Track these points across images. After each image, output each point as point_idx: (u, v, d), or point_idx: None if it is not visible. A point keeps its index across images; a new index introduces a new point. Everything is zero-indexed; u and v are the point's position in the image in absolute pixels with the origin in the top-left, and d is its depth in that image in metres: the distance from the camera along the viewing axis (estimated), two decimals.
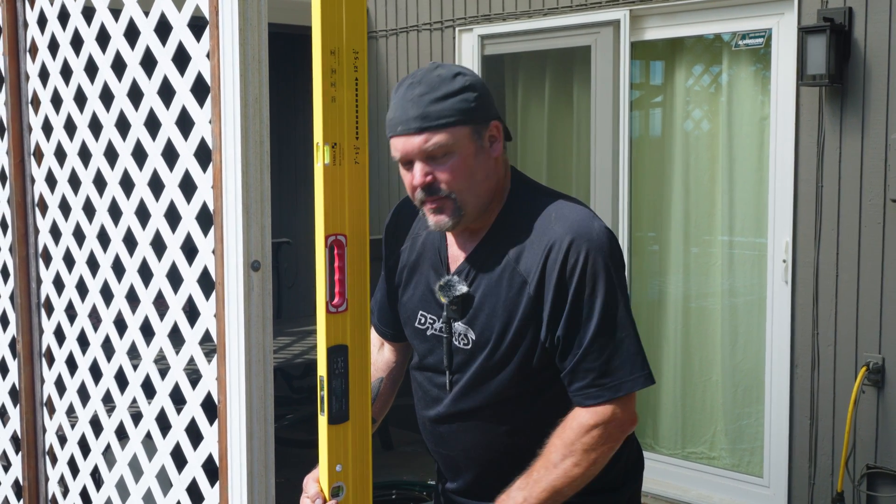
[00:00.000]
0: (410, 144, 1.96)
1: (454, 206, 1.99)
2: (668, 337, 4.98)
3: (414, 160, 1.98)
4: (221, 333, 1.95)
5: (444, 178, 1.97)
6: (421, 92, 1.95)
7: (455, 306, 2.05)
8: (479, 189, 2.01)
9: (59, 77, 2.44)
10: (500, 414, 2.06)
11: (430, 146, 1.95)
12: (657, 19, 4.75)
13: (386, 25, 5.96)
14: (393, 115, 1.98)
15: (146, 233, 2.20)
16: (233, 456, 1.95)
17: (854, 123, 4.04)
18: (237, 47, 1.86)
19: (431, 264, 2.13)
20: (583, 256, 1.95)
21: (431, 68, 2.00)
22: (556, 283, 1.96)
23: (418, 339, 2.16)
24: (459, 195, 1.98)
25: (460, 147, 1.96)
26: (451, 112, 1.95)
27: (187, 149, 2.05)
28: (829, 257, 4.17)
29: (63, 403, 2.55)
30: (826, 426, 4.23)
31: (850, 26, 4.01)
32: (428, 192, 1.99)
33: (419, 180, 1.98)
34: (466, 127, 1.96)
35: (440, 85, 1.95)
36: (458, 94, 1.95)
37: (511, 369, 2.02)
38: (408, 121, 1.95)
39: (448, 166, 1.96)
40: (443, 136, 1.94)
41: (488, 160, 2.01)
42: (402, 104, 1.97)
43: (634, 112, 4.99)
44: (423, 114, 1.94)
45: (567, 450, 1.96)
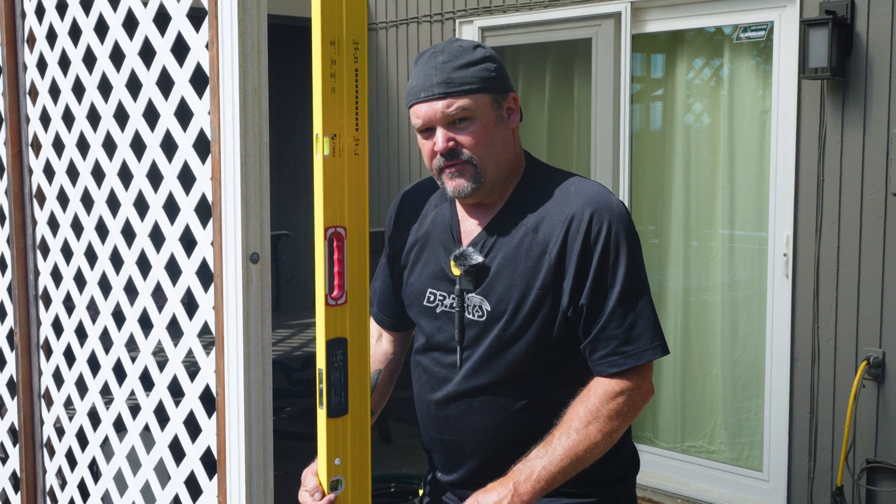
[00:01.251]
0: (433, 110, 1.99)
1: (474, 171, 2.03)
2: (668, 330, 4.97)
3: (436, 126, 2.01)
4: (220, 326, 1.94)
5: (467, 142, 2.01)
6: (444, 60, 2.00)
7: (469, 277, 2.05)
8: (498, 158, 2.04)
9: (58, 67, 2.42)
10: (513, 390, 2.06)
11: (454, 110, 1.98)
12: (658, 12, 4.73)
13: (386, 17, 5.95)
14: (415, 83, 2.02)
15: (144, 224, 2.19)
16: (231, 449, 1.94)
17: (856, 117, 4.03)
18: (236, 38, 1.84)
19: (441, 241, 2.14)
20: (605, 226, 1.99)
21: (451, 40, 2.06)
22: (579, 253, 1.98)
23: (426, 318, 2.15)
24: (480, 161, 2.02)
25: (482, 114, 2.00)
26: (474, 79, 2.00)
27: (186, 140, 2.03)
28: (830, 251, 4.16)
29: (61, 395, 2.54)
30: (826, 420, 4.23)
31: (853, 19, 3.99)
32: (449, 156, 2.01)
33: (441, 145, 2.00)
34: (488, 95, 2.01)
35: (462, 54, 2.01)
36: (479, 63, 2.01)
37: (527, 340, 2.03)
38: (431, 87, 1.99)
39: (470, 132, 2.00)
40: (466, 101, 1.98)
41: (507, 130, 2.07)
42: (425, 71, 2.01)
43: (635, 105, 4.98)
44: (447, 79, 1.98)
45: (591, 416, 1.97)
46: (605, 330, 1.99)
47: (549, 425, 2.04)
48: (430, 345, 2.16)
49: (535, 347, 2.03)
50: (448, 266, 2.09)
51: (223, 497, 1.95)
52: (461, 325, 2.06)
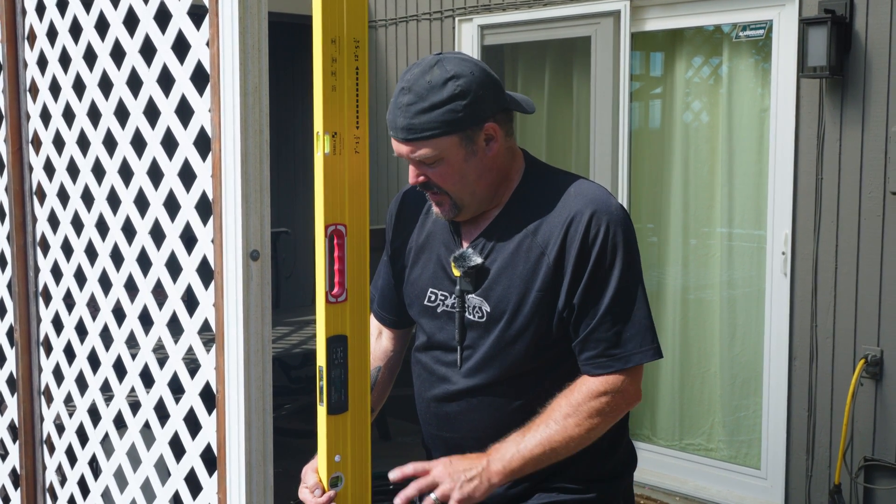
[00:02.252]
0: (401, 149, 2.01)
1: (451, 202, 2.05)
2: (667, 328, 4.98)
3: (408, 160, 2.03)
4: (220, 323, 1.94)
5: (437, 179, 2.02)
6: (409, 101, 1.96)
7: (469, 278, 2.06)
8: (473, 188, 2.04)
9: (58, 65, 2.42)
10: (511, 388, 2.07)
11: (417, 156, 1.99)
12: (658, 10, 4.73)
13: (386, 15, 5.95)
14: (388, 117, 2.03)
15: (145, 222, 2.19)
16: (231, 445, 1.95)
17: (854, 116, 4.04)
18: (237, 36, 1.85)
19: (443, 241, 2.15)
20: (604, 228, 1.99)
21: (427, 68, 1.98)
22: (577, 253, 1.99)
23: (427, 318, 2.16)
24: (454, 194, 2.04)
25: (448, 154, 1.99)
26: (436, 125, 1.95)
27: (187, 137, 2.04)
28: (829, 249, 4.16)
29: (61, 392, 2.55)
30: (824, 418, 4.24)
31: (851, 18, 4.00)
32: (423, 187, 2.05)
33: (412, 180, 2.05)
34: (453, 136, 1.97)
35: (428, 94, 1.95)
36: (445, 105, 1.95)
37: (526, 341, 2.04)
38: (396, 129, 1.99)
39: (437, 171, 2.01)
40: (427, 149, 1.98)
41: (482, 160, 2.03)
42: (394, 109, 2.00)
43: (634, 103, 4.99)
44: (409, 125, 1.96)
45: (571, 409, 1.98)
46: (596, 332, 2.00)
47: None
48: (430, 343, 2.16)
49: (534, 348, 2.04)
50: (449, 266, 2.10)
51: (223, 494, 1.96)
52: (462, 325, 2.07)
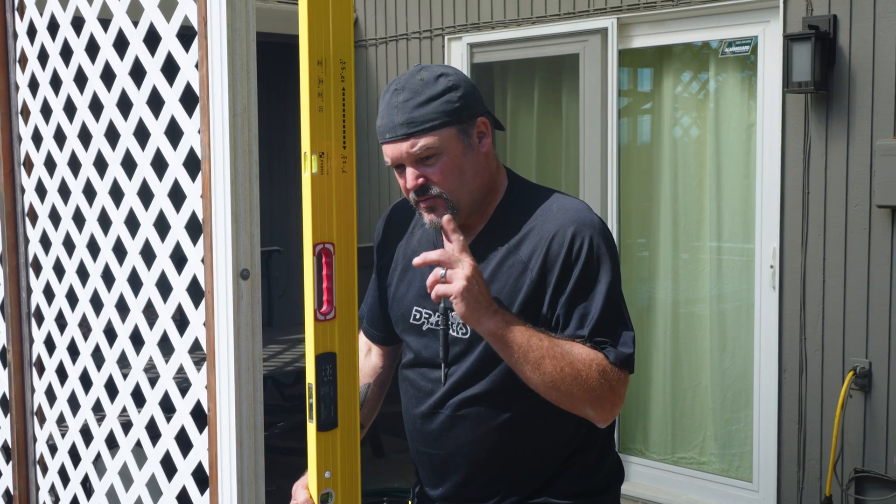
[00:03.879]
0: (399, 150, 2.01)
1: (447, 205, 2.05)
2: (658, 342, 5.00)
3: (405, 164, 2.02)
4: (211, 342, 1.96)
5: (435, 178, 2.02)
6: (405, 98, 2.00)
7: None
8: (470, 186, 2.06)
9: (49, 87, 2.45)
10: (497, 404, 2.07)
11: (418, 150, 2.00)
12: (645, 27, 4.78)
13: (375, 34, 5.98)
14: (381, 123, 2.03)
15: (136, 242, 2.21)
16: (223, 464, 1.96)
17: (839, 130, 4.07)
18: (225, 57, 1.87)
19: None
20: (587, 241, 2.01)
21: (414, 72, 2.04)
22: (560, 267, 2.01)
23: (413, 335, 2.17)
24: (451, 194, 2.04)
25: (448, 147, 2.01)
26: (436, 115, 1.99)
27: (176, 158, 2.06)
28: (816, 263, 4.19)
29: (53, 412, 2.56)
30: (814, 430, 4.26)
31: (835, 34, 4.04)
32: (420, 192, 2.04)
33: (411, 183, 2.04)
34: (452, 127, 2.01)
35: (423, 89, 2.00)
36: (441, 96, 2.00)
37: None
38: (394, 127, 2.00)
39: (437, 168, 2.02)
40: (429, 139, 1.99)
41: (477, 156, 2.06)
42: (388, 111, 2.02)
43: (623, 119, 5.02)
44: (408, 119, 1.99)
45: (582, 354, 1.96)
46: (596, 337, 2.01)
47: (532, 439, 2.07)
48: (417, 360, 2.18)
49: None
50: None
51: None
52: (445, 342, 2.07)
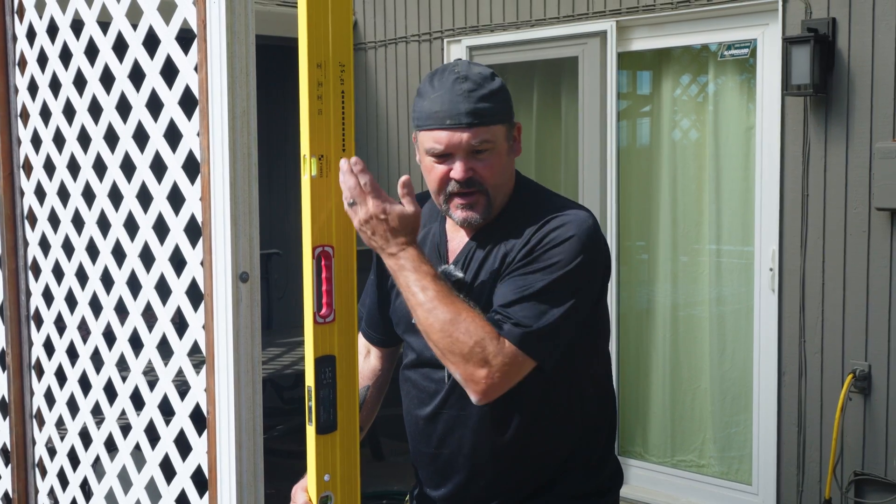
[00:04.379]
0: (457, 138, 1.99)
1: (486, 202, 2.05)
2: (657, 345, 5.00)
3: (455, 154, 2.01)
4: (210, 345, 1.95)
5: (484, 173, 2.03)
6: (470, 87, 1.99)
7: None
8: (506, 187, 2.09)
9: (48, 90, 2.44)
10: (498, 405, 2.03)
11: (478, 142, 2.00)
12: (644, 30, 4.78)
13: (375, 37, 5.99)
14: (438, 108, 2.00)
15: (135, 245, 2.21)
16: (222, 467, 1.96)
17: (839, 133, 4.08)
18: (224, 60, 1.87)
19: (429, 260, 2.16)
20: (563, 229, 2.00)
21: (467, 64, 2.05)
22: (532, 242, 2.00)
23: (415, 336, 2.16)
24: (493, 191, 2.05)
25: (499, 144, 2.04)
26: (497, 110, 2.02)
27: (175, 161, 2.06)
28: (815, 265, 4.20)
29: (52, 415, 2.55)
30: (814, 433, 4.26)
31: (834, 37, 4.04)
32: (466, 185, 2.02)
33: (461, 174, 2.01)
34: (504, 126, 2.05)
35: (485, 82, 2.02)
36: (499, 93, 2.03)
37: None
38: (458, 115, 1.99)
39: (488, 163, 2.02)
40: (490, 134, 2.01)
41: (512, 158, 2.10)
42: (450, 97, 1.99)
43: (622, 122, 5.02)
44: (475, 110, 1.98)
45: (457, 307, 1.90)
46: (512, 306, 1.95)
47: (534, 441, 2.06)
48: (419, 361, 2.18)
49: None
50: None
51: None
52: None
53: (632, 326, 5.05)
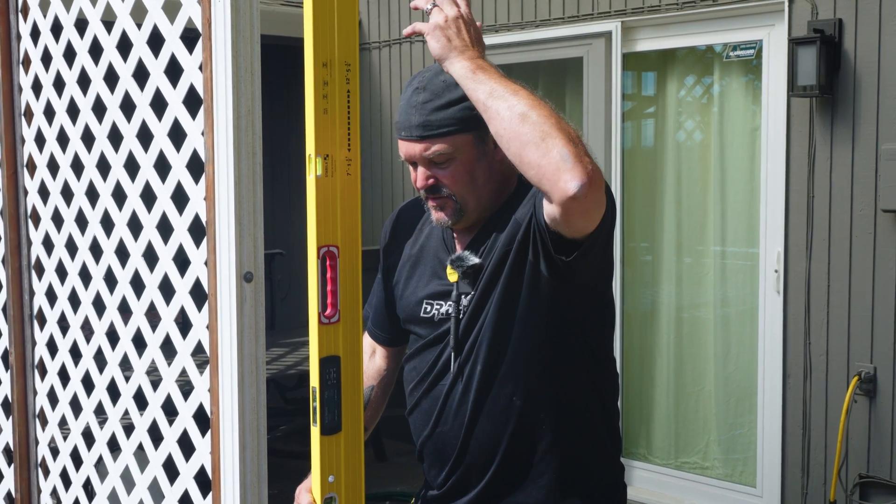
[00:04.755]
0: (413, 149, 2.02)
1: (455, 206, 2.05)
2: (661, 347, 4.99)
3: (417, 163, 2.03)
4: (214, 345, 1.95)
5: (445, 181, 2.03)
6: (424, 99, 1.99)
7: (467, 279, 2.07)
8: (480, 191, 2.06)
9: (52, 89, 2.44)
10: (505, 383, 2.04)
11: (431, 154, 2.00)
12: (649, 31, 4.77)
13: (379, 37, 5.98)
14: (399, 119, 2.04)
15: (138, 244, 2.20)
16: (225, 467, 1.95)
17: (844, 134, 4.06)
18: (230, 60, 1.86)
19: (436, 254, 2.16)
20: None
21: (438, 70, 2.02)
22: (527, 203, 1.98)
23: (425, 327, 2.17)
24: (460, 196, 2.04)
25: (461, 153, 2.01)
26: (453, 121, 1.98)
27: (179, 160, 2.05)
28: (821, 267, 4.18)
29: (55, 415, 2.55)
30: (818, 436, 4.24)
31: (840, 38, 4.03)
32: (430, 192, 2.05)
33: (421, 183, 2.05)
34: (468, 134, 2.01)
35: (444, 91, 1.99)
36: (461, 102, 1.98)
37: (517, 328, 2.01)
38: (410, 127, 2.00)
39: (449, 171, 2.02)
40: (443, 145, 1.99)
41: (492, 163, 2.06)
42: (407, 109, 2.02)
43: (626, 123, 5.01)
44: (425, 122, 1.98)
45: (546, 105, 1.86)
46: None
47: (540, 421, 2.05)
48: (424, 344, 2.17)
49: (522, 325, 2.02)
50: (444, 275, 2.11)
51: None
52: (456, 330, 2.07)
53: (636, 328, 5.04)
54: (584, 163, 1.74)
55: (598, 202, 1.80)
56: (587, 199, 1.74)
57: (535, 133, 1.76)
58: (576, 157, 1.74)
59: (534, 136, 1.76)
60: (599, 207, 1.83)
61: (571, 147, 1.75)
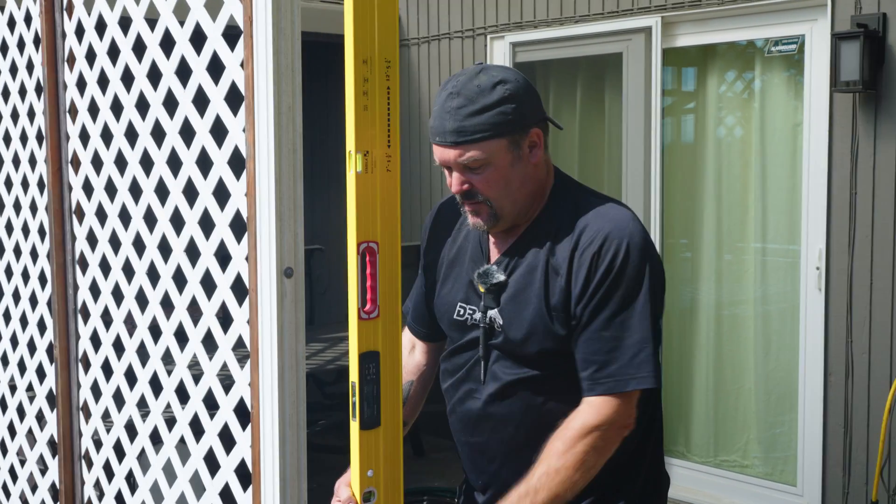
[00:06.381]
0: (447, 154, 2.02)
1: (490, 211, 2.05)
2: (701, 344, 4.95)
3: (452, 168, 2.03)
4: (255, 340, 1.97)
5: (480, 187, 2.03)
6: (458, 104, 1.98)
7: (492, 294, 2.08)
8: (515, 196, 2.05)
9: (97, 86, 2.47)
10: (532, 391, 2.09)
11: (465, 160, 2.00)
12: (689, 26, 4.74)
13: (418, 33, 5.99)
14: (433, 124, 2.03)
15: (180, 240, 2.23)
16: (265, 461, 1.97)
17: (889, 130, 4.01)
18: (271, 57, 1.88)
19: (472, 257, 2.17)
20: (613, 249, 1.98)
21: (473, 75, 2.01)
22: (585, 272, 1.99)
23: (458, 331, 2.19)
24: (496, 202, 2.04)
25: (496, 158, 2.00)
26: (487, 126, 1.97)
27: (221, 157, 2.07)
28: (864, 265, 4.13)
29: (99, 408, 2.58)
30: (860, 435, 4.20)
31: (884, 32, 3.98)
32: (465, 197, 2.05)
33: (456, 188, 2.05)
34: (503, 139, 2.00)
35: (478, 97, 1.98)
36: (495, 108, 1.98)
37: (540, 353, 2.06)
38: (444, 133, 2.00)
39: (483, 177, 2.01)
40: (477, 151, 1.99)
41: (526, 167, 2.05)
42: (441, 114, 2.01)
43: (666, 119, 4.98)
44: (459, 128, 1.97)
45: (568, 453, 1.97)
46: (588, 352, 1.99)
47: None
48: (455, 349, 2.21)
49: (551, 357, 2.06)
50: (475, 279, 2.12)
51: None
52: (486, 340, 2.09)
53: (675, 325, 5.01)
54: (606, 452, 1.99)
55: (632, 415, 2.03)
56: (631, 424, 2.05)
57: (585, 482, 1.99)
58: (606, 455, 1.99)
59: (586, 481, 1.99)
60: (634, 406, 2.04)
61: (598, 464, 1.99)
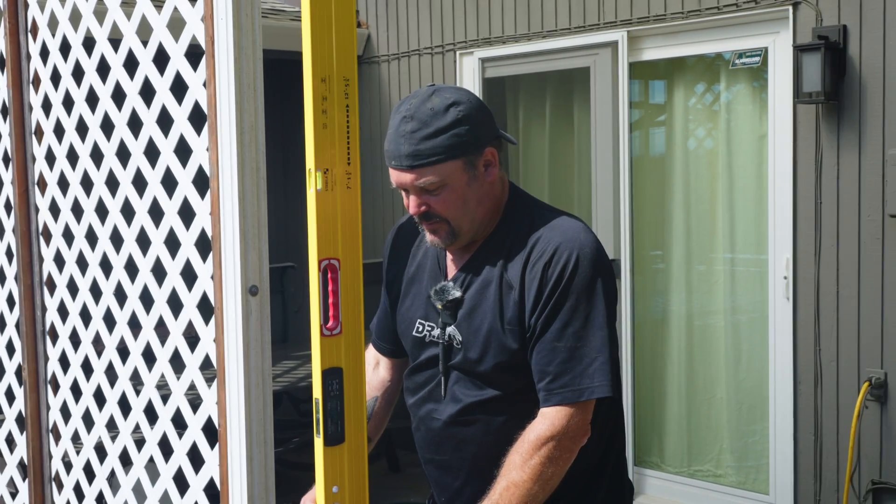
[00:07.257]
0: (404, 178, 2.04)
1: (448, 230, 2.07)
2: (673, 355, 4.99)
3: (408, 190, 2.05)
4: (221, 358, 1.97)
5: (438, 208, 2.05)
6: (412, 128, 2.00)
7: (448, 311, 2.10)
8: (472, 214, 2.08)
9: (62, 107, 2.47)
10: (494, 409, 2.11)
11: (422, 182, 2.02)
12: (654, 40, 4.79)
13: (388, 50, 6.02)
14: (388, 147, 2.05)
15: (147, 260, 2.23)
16: (234, 479, 1.97)
17: (851, 140, 4.07)
18: (232, 76, 1.89)
19: (430, 274, 2.19)
20: (564, 259, 2.01)
21: (425, 97, 2.04)
22: (537, 284, 2.01)
23: (418, 348, 2.21)
24: (454, 221, 2.07)
25: (452, 180, 2.03)
26: (442, 149, 2.00)
27: (186, 176, 2.08)
28: (830, 273, 4.18)
29: (68, 430, 2.58)
30: (830, 442, 4.24)
31: (845, 44, 4.04)
32: (423, 218, 2.08)
33: (413, 210, 2.08)
34: (458, 160, 2.02)
35: (431, 120, 2.00)
36: (449, 130, 2.00)
37: (499, 369, 2.08)
38: (400, 157, 2.02)
39: (440, 198, 2.04)
40: (433, 175, 2.01)
41: (482, 185, 2.07)
42: (395, 138, 2.03)
43: (635, 132, 5.03)
44: (415, 152, 2.00)
45: (525, 465, 1.98)
46: (543, 363, 2.01)
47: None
48: (416, 366, 2.24)
49: (510, 372, 2.08)
50: (432, 295, 2.15)
51: None
52: (445, 356, 2.11)
53: (647, 336, 5.04)
54: (563, 462, 2.01)
55: (586, 422, 2.04)
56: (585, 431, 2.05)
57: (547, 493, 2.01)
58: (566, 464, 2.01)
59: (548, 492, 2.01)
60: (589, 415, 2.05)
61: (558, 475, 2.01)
